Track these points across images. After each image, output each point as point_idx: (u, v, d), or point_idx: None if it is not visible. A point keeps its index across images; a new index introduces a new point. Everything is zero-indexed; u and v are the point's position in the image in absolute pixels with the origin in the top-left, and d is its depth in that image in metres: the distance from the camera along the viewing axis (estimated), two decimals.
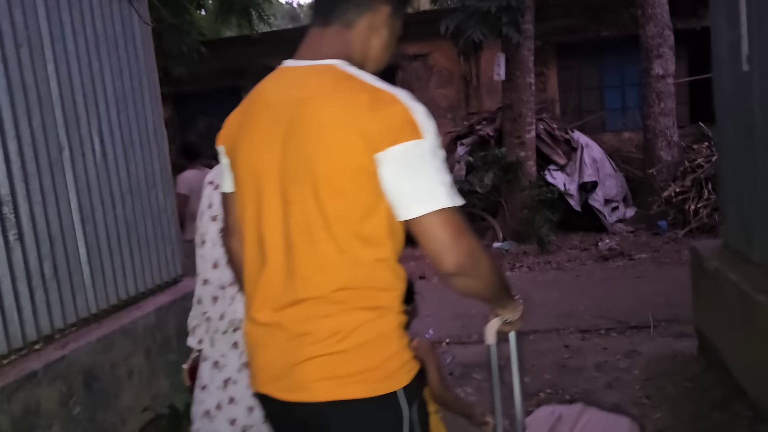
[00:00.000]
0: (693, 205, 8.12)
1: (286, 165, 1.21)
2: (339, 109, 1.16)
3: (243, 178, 1.31)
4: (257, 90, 1.34)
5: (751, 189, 2.95)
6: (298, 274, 1.22)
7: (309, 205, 1.19)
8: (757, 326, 2.58)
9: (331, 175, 1.16)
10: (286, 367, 1.23)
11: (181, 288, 3.77)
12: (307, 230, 1.20)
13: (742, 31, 2.91)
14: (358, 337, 1.19)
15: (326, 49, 1.27)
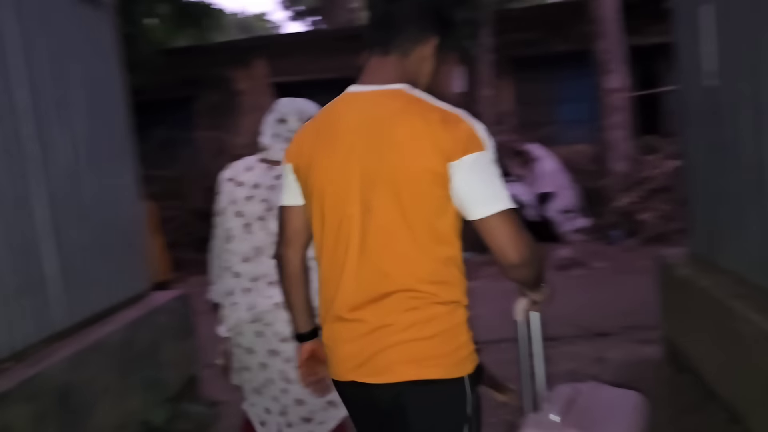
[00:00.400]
0: (645, 215, 8.41)
1: (367, 176, 1.39)
2: (415, 126, 1.36)
3: (321, 191, 1.46)
4: (330, 112, 1.51)
5: (718, 199, 3.07)
6: (381, 272, 1.39)
7: (392, 209, 1.37)
8: (730, 332, 2.68)
9: (411, 181, 1.35)
10: (370, 355, 1.40)
11: (150, 302, 3.66)
12: (390, 231, 1.38)
13: (707, 48, 3.05)
14: (435, 327, 1.38)
15: (388, 76, 1.46)
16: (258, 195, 2.22)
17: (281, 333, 2.15)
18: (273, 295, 2.15)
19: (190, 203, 8.83)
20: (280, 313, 2.12)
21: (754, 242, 2.70)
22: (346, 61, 11.73)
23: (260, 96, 11.68)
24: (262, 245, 2.20)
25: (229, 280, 2.25)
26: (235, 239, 2.23)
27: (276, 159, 2.21)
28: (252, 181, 2.25)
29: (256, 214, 2.22)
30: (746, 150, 2.70)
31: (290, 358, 2.15)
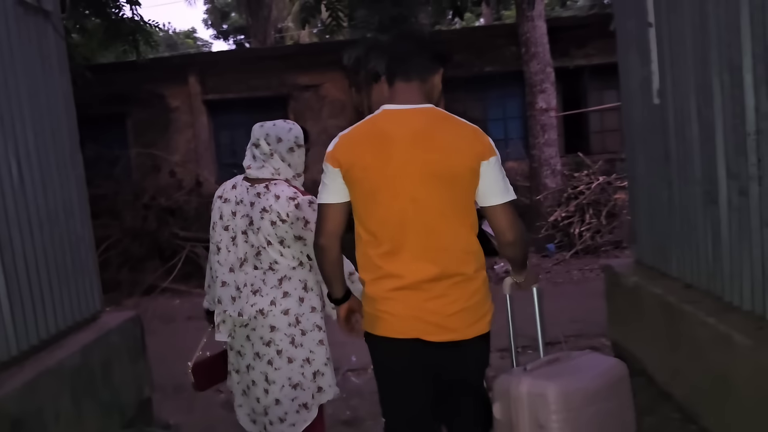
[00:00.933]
0: (577, 228, 8.76)
1: (418, 173, 1.85)
2: (455, 135, 1.88)
3: (377, 189, 1.90)
4: (375, 126, 1.95)
5: (666, 210, 3.26)
6: (440, 247, 1.89)
7: (444, 198, 1.86)
8: (684, 335, 2.84)
9: (456, 175, 1.85)
10: (436, 320, 1.92)
11: (102, 324, 3.50)
12: (442, 214, 1.87)
13: (653, 68, 3.25)
14: (477, 295, 1.95)
15: (415, 98, 1.93)
16: (241, 210, 2.45)
17: (265, 337, 2.41)
18: (256, 303, 2.41)
19: (125, 222, 8.50)
20: (262, 320, 2.40)
21: (703, 251, 2.87)
22: (278, 79, 11.73)
23: (194, 113, 11.45)
24: (244, 256, 2.44)
25: (218, 289, 2.49)
26: (223, 251, 2.49)
27: (254, 177, 2.46)
28: (236, 197, 2.48)
29: (240, 228, 2.45)
30: (694, 164, 2.88)
31: (272, 360, 2.41)
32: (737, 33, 2.41)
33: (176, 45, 28.76)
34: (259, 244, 2.41)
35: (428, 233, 1.88)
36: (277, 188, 2.41)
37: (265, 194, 2.40)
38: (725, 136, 2.59)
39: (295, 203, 2.37)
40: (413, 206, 1.87)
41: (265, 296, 2.41)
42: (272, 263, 2.41)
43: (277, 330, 2.40)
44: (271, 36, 22.46)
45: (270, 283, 2.41)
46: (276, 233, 2.38)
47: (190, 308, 7.50)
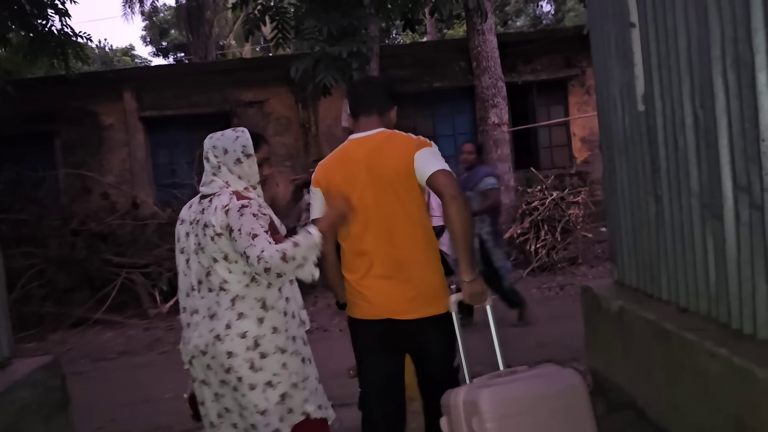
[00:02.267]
0: (533, 245, 8.55)
1: (374, 182, 2.31)
2: (396, 143, 2.34)
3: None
4: (344, 151, 2.43)
5: (653, 226, 2.97)
6: (397, 242, 2.30)
7: (394, 201, 2.30)
8: (685, 366, 2.53)
9: (400, 169, 2.28)
10: (400, 302, 2.30)
11: (10, 374, 2.95)
12: (395, 215, 2.30)
13: (636, 72, 2.97)
14: (433, 277, 2.37)
15: (374, 126, 2.40)
16: (193, 230, 2.29)
17: (224, 364, 2.21)
18: (213, 328, 2.22)
19: (50, 250, 7.78)
20: (219, 346, 2.20)
21: (702, 271, 2.58)
22: (221, 95, 11.20)
23: (129, 131, 10.79)
24: (198, 278, 2.27)
25: (182, 315, 2.37)
26: (180, 275, 2.35)
27: (207, 192, 2.31)
28: (190, 217, 2.33)
29: (192, 249, 2.29)
30: (690, 175, 2.60)
31: (237, 387, 2.22)
32: (747, 27, 2.13)
33: (112, 62, 27.71)
34: (207, 263, 2.24)
35: (388, 232, 2.31)
36: (218, 199, 2.24)
37: (208, 207, 2.25)
38: (731, 143, 2.31)
39: (225, 209, 2.19)
40: (374, 212, 2.31)
41: (220, 319, 2.22)
42: (222, 283, 2.23)
43: (234, 356, 2.20)
44: (213, 53, 21.87)
45: (224, 305, 2.22)
46: (219, 248, 2.20)
47: (123, 342, 6.87)
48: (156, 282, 8.31)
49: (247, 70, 11.61)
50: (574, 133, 11.88)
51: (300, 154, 11.09)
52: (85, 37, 9.74)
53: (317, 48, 7.07)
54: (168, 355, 6.15)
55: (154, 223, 9.03)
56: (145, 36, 33.27)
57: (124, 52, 33.82)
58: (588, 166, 11.79)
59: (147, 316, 7.94)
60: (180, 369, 2.47)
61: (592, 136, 11.88)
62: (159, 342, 6.66)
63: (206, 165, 2.34)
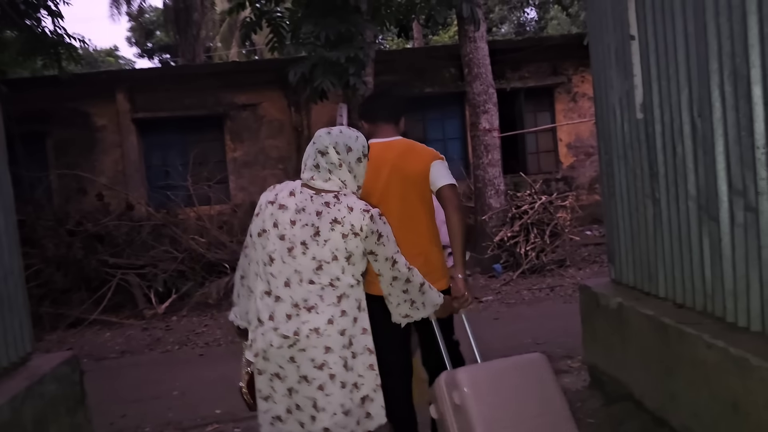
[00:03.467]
0: (523, 248, 8.75)
1: (397, 182, 2.78)
2: (417, 153, 2.86)
3: (370, 194, 2.70)
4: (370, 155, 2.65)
5: (651, 227, 3.15)
6: (414, 231, 2.78)
7: (416, 196, 2.81)
8: (683, 358, 2.71)
9: (418, 173, 2.80)
10: None
11: (34, 369, 3.04)
12: (418, 208, 2.83)
13: (635, 81, 3.16)
14: (438, 257, 2.89)
15: (391, 134, 2.92)
16: (303, 219, 2.25)
17: (317, 359, 2.22)
18: (310, 320, 2.22)
19: (46, 251, 7.81)
20: (315, 339, 2.21)
21: (699, 269, 2.76)
22: (214, 98, 11.28)
23: (122, 132, 10.83)
24: (302, 270, 2.24)
25: (259, 302, 2.29)
26: (278, 261, 2.26)
27: (319, 188, 2.30)
28: (297, 205, 2.28)
29: (300, 238, 2.25)
30: (687, 179, 2.78)
31: (323, 385, 2.22)
32: (744, 43, 2.31)
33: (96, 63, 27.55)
34: (322, 257, 2.24)
35: (406, 222, 2.75)
36: (348, 199, 2.29)
37: (335, 204, 2.26)
38: (727, 150, 2.49)
39: (369, 215, 2.25)
40: (397, 206, 2.75)
41: (321, 314, 2.23)
42: (333, 279, 2.25)
43: (332, 351, 2.23)
44: (201, 55, 21.85)
45: (328, 300, 2.24)
46: (346, 247, 2.24)
47: (123, 342, 6.93)
48: (152, 283, 8.38)
49: (241, 73, 11.71)
50: (560, 139, 12.14)
51: (293, 157, 11.20)
52: (78, 39, 9.78)
53: (314, 53, 7.20)
54: (171, 354, 6.24)
55: (149, 224, 9.09)
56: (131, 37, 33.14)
57: (108, 53, 33.64)
58: (573, 171, 12.05)
59: (143, 317, 8.00)
60: (184, 367, 2.46)
61: (577, 142, 12.16)
62: (160, 342, 6.74)
63: (321, 160, 2.29)
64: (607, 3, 3.42)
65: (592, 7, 3.64)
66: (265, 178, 11.11)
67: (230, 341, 6.68)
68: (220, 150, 11.25)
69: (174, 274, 8.51)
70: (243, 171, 11.19)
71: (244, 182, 11.15)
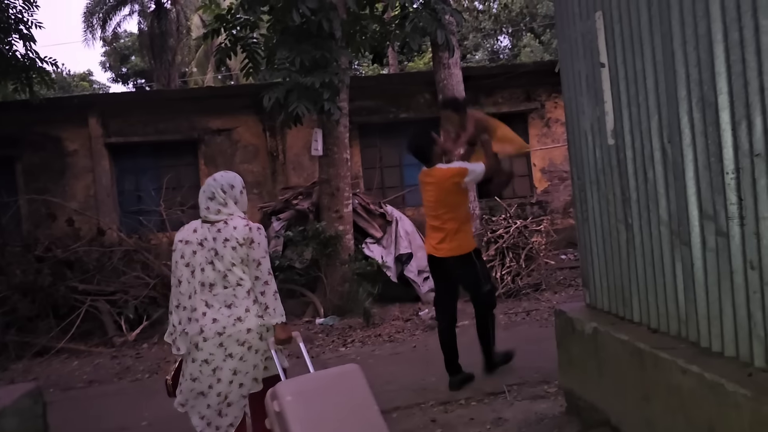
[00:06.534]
0: (498, 272, 8.76)
1: (438, 194, 4.69)
2: (452, 174, 4.64)
3: (426, 202, 4.87)
4: (423, 175, 4.81)
5: (624, 252, 3.17)
6: (445, 221, 4.70)
7: (445, 200, 4.67)
8: (659, 383, 2.70)
9: (451, 186, 4.63)
10: (444, 248, 4.71)
11: None
12: (450, 206, 4.68)
13: (606, 108, 3.20)
14: (457, 239, 4.70)
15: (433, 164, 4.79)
16: (204, 246, 3.12)
17: (241, 338, 3.08)
18: (232, 313, 3.08)
19: (13, 277, 7.61)
20: (240, 325, 3.08)
21: (672, 294, 2.78)
22: (188, 122, 11.20)
23: (94, 157, 10.68)
24: (213, 281, 3.10)
25: (176, 314, 3.17)
26: (183, 283, 3.16)
27: (213, 220, 3.16)
28: (197, 239, 3.16)
29: (201, 261, 3.11)
30: (659, 204, 2.80)
31: (243, 356, 3.09)
32: (711, 71, 2.36)
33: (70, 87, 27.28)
34: (225, 268, 3.08)
35: (447, 212, 4.63)
36: (234, 221, 3.15)
37: (224, 228, 3.12)
38: (697, 176, 2.53)
39: (248, 228, 3.12)
40: (435, 204, 4.67)
41: (239, 306, 3.09)
42: (239, 280, 3.10)
43: (251, 331, 3.09)
44: (176, 80, 21.81)
45: (240, 296, 3.10)
46: (238, 255, 3.09)
47: (92, 371, 6.74)
48: (122, 310, 8.20)
49: (215, 98, 11.66)
50: (534, 164, 12.27)
51: (267, 182, 11.14)
52: (50, 63, 9.67)
53: (288, 78, 7.21)
54: (140, 383, 6.07)
55: (121, 250, 8.94)
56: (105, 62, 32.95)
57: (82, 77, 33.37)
58: (548, 196, 12.18)
59: (113, 344, 7.81)
60: (154, 396, 3.58)
61: (551, 167, 12.31)
62: (129, 370, 6.56)
63: (211, 203, 3.14)
64: (577, 31, 3.48)
65: (563, 36, 3.70)
66: None
67: None
68: (194, 175, 11.14)
69: (145, 300, 8.36)
70: None
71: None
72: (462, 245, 4.62)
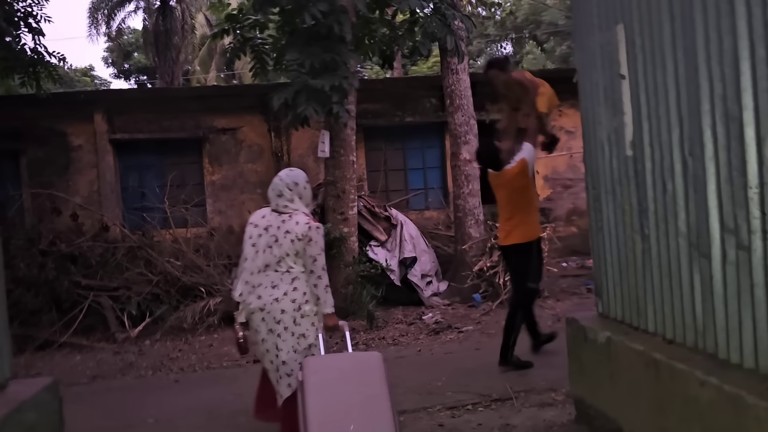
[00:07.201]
0: (502, 278, 8.78)
1: (508, 190, 5.40)
2: (522, 172, 5.31)
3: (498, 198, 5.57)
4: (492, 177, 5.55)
5: (640, 262, 3.20)
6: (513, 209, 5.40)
7: (514, 192, 5.36)
8: (675, 394, 2.73)
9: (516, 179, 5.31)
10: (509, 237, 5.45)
11: (13, 396, 2.94)
12: (518, 203, 5.37)
13: (625, 119, 3.23)
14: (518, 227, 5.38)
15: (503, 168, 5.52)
16: (269, 231, 3.64)
17: (277, 317, 3.61)
18: (273, 294, 3.61)
19: (17, 271, 7.61)
20: (276, 305, 3.61)
21: (689, 305, 2.80)
22: (194, 121, 11.20)
23: (98, 153, 10.68)
24: (268, 263, 3.63)
25: (241, 286, 3.71)
26: (248, 261, 3.70)
27: (281, 211, 3.68)
28: (264, 224, 3.70)
29: (265, 244, 3.63)
30: (678, 216, 2.83)
31: (280, 334, 3.61)
32: (736, 86, 2.39)
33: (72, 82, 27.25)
34: (280, 255, 3.60)
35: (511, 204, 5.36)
36: (297, 217, 3.65)
37: (288, 221, 3.63)
38: (719, 189, 2.55)
39: (308, 226, 3.60)
40: (506, 202, 5.38)
41: (279, 289, 3.61)
42: (288, 268, 3.61)
43: (285, 313, 3.60)
44: (179, 78, 21.80)
45: (285, 281, 3.62)
46: (294, 248, 3.58)
47: (94, 366, 6.74)
48: (125, 306, 8.20)
49: (221, 97, 11.66)
50: (537, 171, 12.26)
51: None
52: (58, 58, 9.67)
53: (297, 79, 7.21)
54: (144, 379, 6.08)
55: (124, 246, 8.93)
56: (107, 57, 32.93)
57: (84, 73, 33.35)
58: (551, 203, 12.19)
59: (115, 340, 7.81)
60: (159, 393, 3.90)
61: (554, 174, 12.32)
62: (132, 366, 6.57)
63: (279, 200, 3.67)
64: (596, 42, 3.51)
65: (581, 46, 3.72)
66: (243, 203, 11.02)
67: (205, 367, 6.55)
68: (198, 173, 11.14)
69: (148, 297, 8.37)
70: (221, 194, 11.09)
71: (222, 206, 11.04)
72: (525, 234, 5.29)
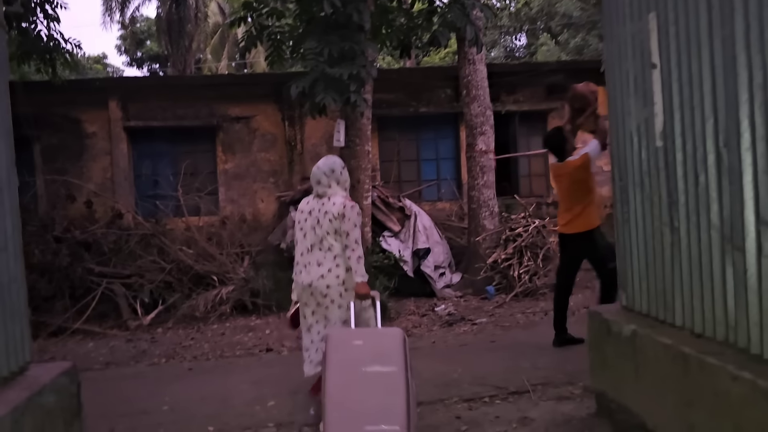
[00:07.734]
0: (516, 270, 8.73)
1: (567, 181, 5.68)
2: (582, 165, 5.58)
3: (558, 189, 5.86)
4: (554, 168, 5.97)
5: (668, 255, 3.14)
6: (573, 199, 5.65)
7: (570, 182, 5.64)
8: (705, 388, 2.67)
9: (579, 176, 5.59)
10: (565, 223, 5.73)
11: (33, 380, 2.93)
12: (578, 193, 5.59)
13: (656, 109, 3.16)
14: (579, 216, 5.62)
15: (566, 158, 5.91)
16: (312, 215, 4.07)
17: (323, 291, 3.98)
18: (318, 270, 3.97)
19: (31, 257, 7.62)
20: (321, 281, 3.97)
21: (720, 299, 2.74)
22: (208, 109, 11.19)
23: (112, 140, 10.68)
24: (313, 243, 4.02)
25: (296, 266, 4.12)
26: (298, 242, 4.14)
27: (321, 195, 4.08)
28: (308, 209, 4.13)
29: (309, 226, 4.06)
30: (710, 209, 2.77)
31: (328, 306, 3.99)
32: None
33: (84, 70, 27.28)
34: (322, 234, 3.98)
35: (569, 194, 5.63)
36: (334, 198, 4.03)
37: (326, 203, 4.03)
38: (755, 180, 2.49)
39: (343, 205, 3.97)
40: (566, 192, 5.64)
41: (324, 266, 3.97)
42: (330, 246, 3.97)
43: (330, 287, 3.97)
44: (192, 66, 21.79)
45: (328, 258, 3.97)
46: (333, 227, 3.96)
47: (107, 353, 6.76)
48: (137, 293, 8.21)
49: (235, 85, 11.63)
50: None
51: (284, 171, 11.12)
52: (74, 45, 9.65)
53: (315, 68, 7.16)
54: (158, 367, 6.08)
55: (138, 233, 8.94)
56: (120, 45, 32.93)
57: (96, 60, 33.38)
58: None
59: (127, 327, 7.83)
60: (173, 381, 3.87)
61: None
62: (145, 354, 6.58)
63: (318, 187, 4.06)
64: (627, 32, 3.43)
65: (611, 35, 3.65)
66: (255, 191, 11.02)
67: (219, 356, 6.55)
68: (212, 161, 11.13)
69: (161, 285, 8.37)
70: (233, 183, 11.08)
71: (234, 194, 11.03)
72: (586, 223, 5.50)
